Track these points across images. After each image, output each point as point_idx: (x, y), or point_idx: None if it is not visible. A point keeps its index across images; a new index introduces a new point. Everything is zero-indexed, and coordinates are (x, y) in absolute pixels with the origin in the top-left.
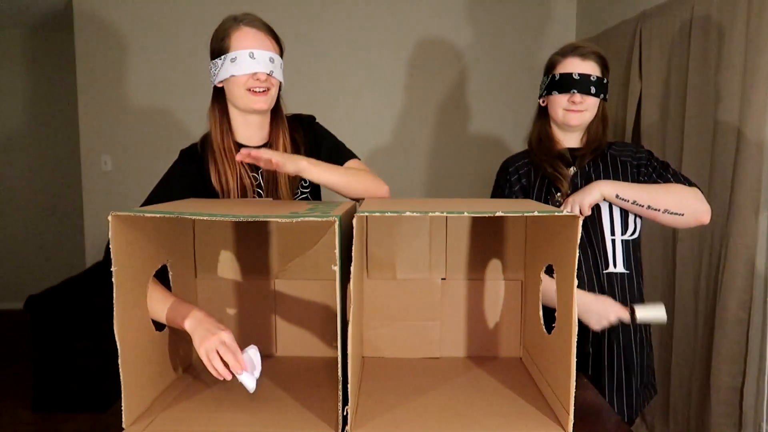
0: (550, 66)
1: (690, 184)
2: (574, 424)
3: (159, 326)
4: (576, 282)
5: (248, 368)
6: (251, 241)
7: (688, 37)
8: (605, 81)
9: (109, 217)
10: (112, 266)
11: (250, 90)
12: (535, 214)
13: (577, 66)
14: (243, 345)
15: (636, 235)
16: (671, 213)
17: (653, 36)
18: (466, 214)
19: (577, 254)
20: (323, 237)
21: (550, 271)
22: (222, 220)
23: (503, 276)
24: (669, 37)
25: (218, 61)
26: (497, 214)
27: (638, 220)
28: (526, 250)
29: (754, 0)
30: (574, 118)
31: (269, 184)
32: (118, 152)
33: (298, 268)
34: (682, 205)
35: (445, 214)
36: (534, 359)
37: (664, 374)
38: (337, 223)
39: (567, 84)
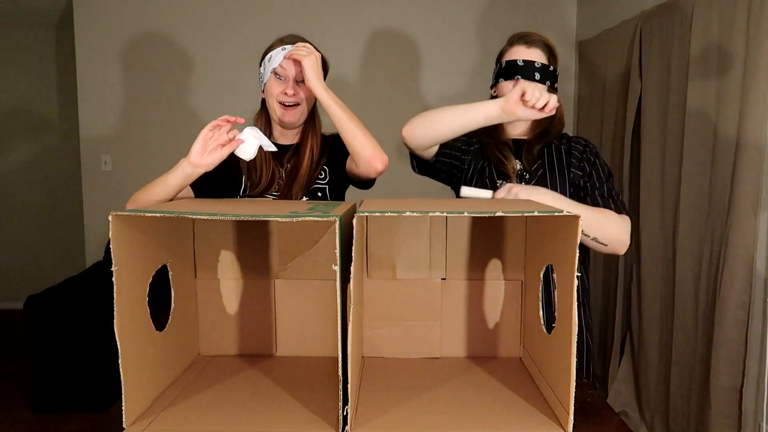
0: (499, 55)
1: (624, 209)
2: (574, 424)
3: (159, 326)
4: (576, 282)
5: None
6: (251, 241)
7: (688, 37)
8: (551, 68)
9: (110, 217)
10: (113, 266)
11: (281, 104)
12: (536, 214)
13: (522, 53)
14: (243, 345)
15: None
16: (598, 242)
17: (653, 36)
18: (466, 214)
19: (577, 254)
20: (323, 237)
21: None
22: (222, 219)
23: (503, 276)
24: (669, 37)
25: (261, 69)
26: (497, 214)
27: None
28: (526, 250)
29: (754, 0)
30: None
31: (289, 178)
32: (118, 152)
33: (298, 268)
34: (609, 237)
35: (445, 214)
36: (534, 359)
37: (664, 374)
38: (337, 223)
39: (512, 70)
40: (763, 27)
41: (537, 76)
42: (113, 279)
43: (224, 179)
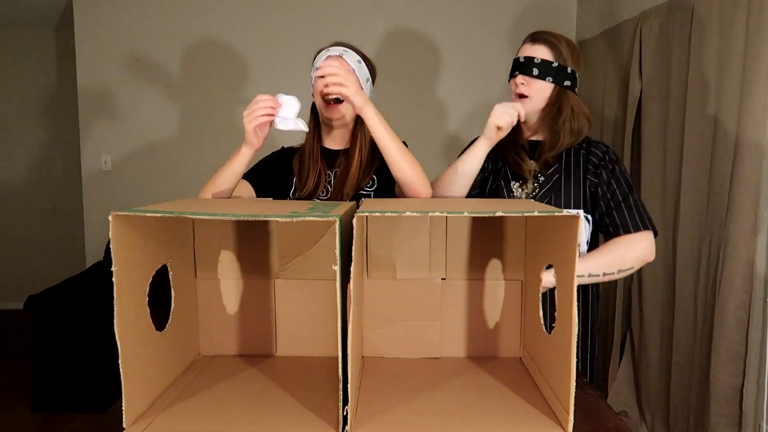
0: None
1: (648, 221)
2: (574, 424)
3: (159, 326)
4: (576, 282)
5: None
6: (251, 241)
7: (688, 37)
8: (555, 64)
9: (110, 217)
10: (113, 266)
11: (324, 100)
12: (535, 214)
13: (526, 50)
14: (243, 345)
15: (584, 249)
16: (623, 271)
17: (653, 36)
18: (466, 214)
19: (577, 254)
20: (323, 237)
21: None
22: (222, 219)
23: (503, 276)
24: (669, 37)
25: (312, 74)
26: (497, 214)
27: (587, 233)
28: (526, 250)
29: (754, 0)
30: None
31: (339, 180)
32: (118, 152)
33: (298, 268)
34: (629, 261)
35: (445, 214)
36: (534, 359)
37: (664, 374)
38: (337, 223)
39: (513, 68)
40: (763, 27)
41: (535, 71)
42: (113, 279)
43: (279, 178)
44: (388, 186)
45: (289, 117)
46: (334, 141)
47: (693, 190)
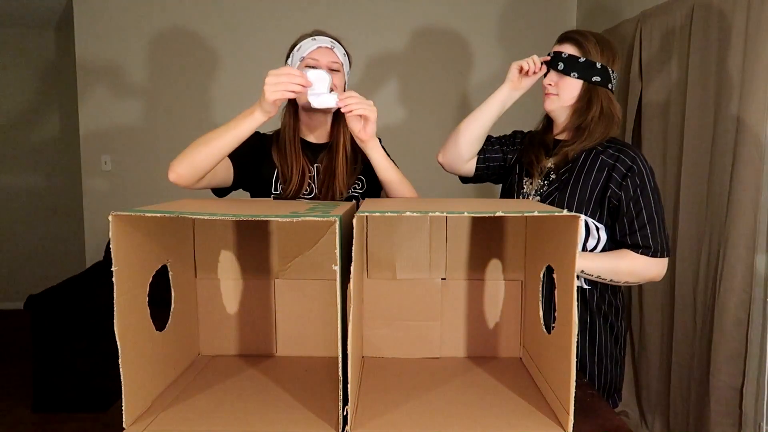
0: None
1: (664, 246)
2: (574, 425)
3: (159, 326)
4: (576, 282)
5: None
6: (251, 241)
7: (688, 37)
8: (582, 60)
9: (110, 217)
10: (113, 266)
11: None
12: (535, 214)
13: (554, 49)
14: (243, 345)
15: (598, 249)
16: (630, 283)
17: (653, 36)
18: (466, 214)
19: (577, 255)
20: (323, 237)
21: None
22: (222, 219)
23: (503, 276)
24: (669, 38)
25: (289, 62)
26: (497, 214)
27: (602, 233)
28: (526, 250)
29: (754, 0)
30: (546, 101)
31: (325, 177)
32: (118, 152)
33: (298, 268)
34: (638, 277)
35: (445, 214)
36: (534, 359)
37: (664, 374)
38: (337, 223)
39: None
40: (762, 27)
41: (560, 66)
42: (113, 279)
43: (259, 165)
44: (377, 188)
45: (324, 92)
46: (314, 134)
47: (693, 190)
